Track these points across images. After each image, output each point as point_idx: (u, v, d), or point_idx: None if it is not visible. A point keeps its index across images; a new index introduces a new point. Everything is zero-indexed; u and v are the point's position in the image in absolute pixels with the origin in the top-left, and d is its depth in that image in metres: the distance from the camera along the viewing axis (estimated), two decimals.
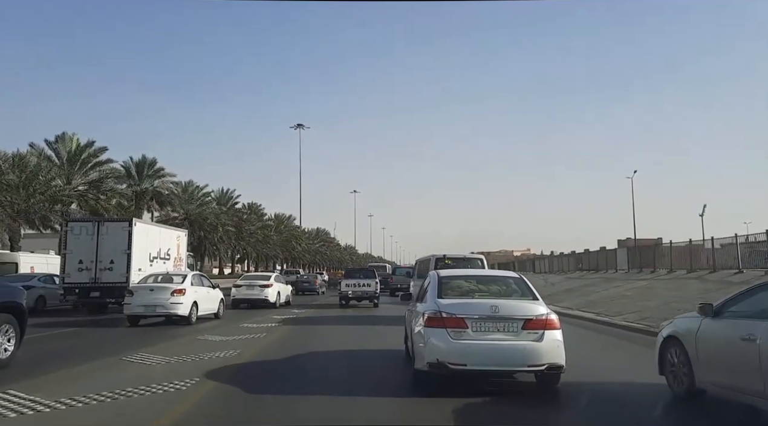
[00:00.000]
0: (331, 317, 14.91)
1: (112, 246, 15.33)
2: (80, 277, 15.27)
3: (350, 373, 6.54)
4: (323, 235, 79.08)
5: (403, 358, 7.21)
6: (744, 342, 4.18)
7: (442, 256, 14.10)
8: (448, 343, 5.25)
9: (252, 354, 7.84)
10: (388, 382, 5.93)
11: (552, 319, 5.38)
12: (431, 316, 5.43)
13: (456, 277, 6.35)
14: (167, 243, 18.08)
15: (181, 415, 4.59)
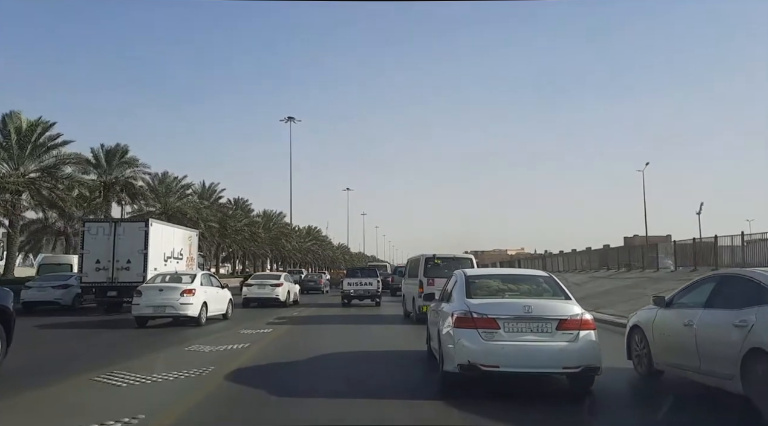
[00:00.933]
0: (339, 316, 15.75)
1: (129, 246, 16.01)
2: (98, 276, 15.95)
3: (377, 376, 6.60)
4: (315, 234, 79.04)
5: (425, 359, 7.43)
6: (685, 327, 5.30)
7: (431, 255, 14.38)
8: (479, 344, 5.19)
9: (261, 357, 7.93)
10: (417, 386, 5.98)
11: (587, 318, 5.29)
12: (461, 317, 5.40)
13: (484, 276, 6.41)
14: (180, 243, 18.75)
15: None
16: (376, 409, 4.97)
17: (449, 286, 6.64)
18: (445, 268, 13.76)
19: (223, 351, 8.53)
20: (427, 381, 6.08)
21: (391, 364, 7.56)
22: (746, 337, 4.46)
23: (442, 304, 6.51)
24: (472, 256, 15.01)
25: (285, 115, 55.77)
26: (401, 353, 8.45)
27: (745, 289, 4.95)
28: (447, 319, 5.68)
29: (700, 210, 45.19)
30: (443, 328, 5.75)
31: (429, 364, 7.00)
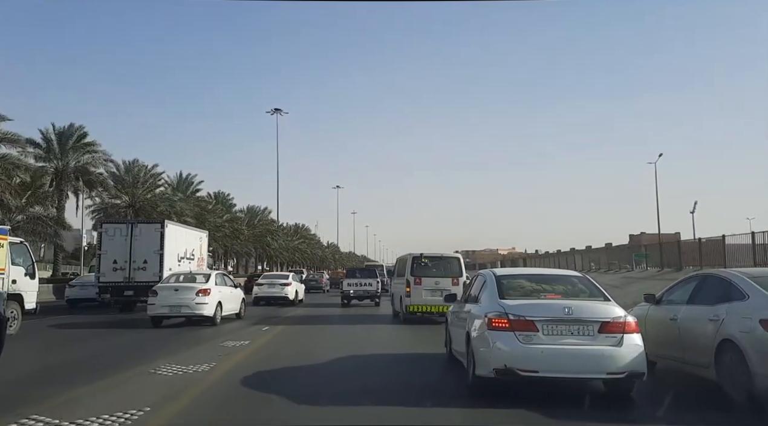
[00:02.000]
0: (345, 316, 16.51)
1: (145, 246, 16.82)
2: (115, 276, 16.76)
3: (401, 380, 6.76)
4: (303, 232, 79.16)
5: (444, 361, 7.71)
6: (671, 321, 6.30)
7: (419, 254, 14.65)
8: (517, 348, 5.16)
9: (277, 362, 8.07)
10: (443, 390, 6.14)
11: (631, 321, 5.30)
12: (496, 318, 5.40)
13: (516, 276, 6.49)
14: (192, 243, 19.69)
15: None
16: (408, 416, 5.06)
17: (475, 287, 6.83)
18: (433, 267, 14.28)
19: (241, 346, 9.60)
20: (455, 386, 6.23)
21: (412, 368, 7.78)
22: (718, 329, 5.30)
23: (467, 306, 6.69)
24: (460, 256, 15.26)
25: (272, 108, 54.79)
26: (420, 356, 8.77)
27: (719, 288, 5.86)
28: (477, 321, 5.78)
29: (693, 209, 46.42)
30: (473, 330, 5.81)
31: (451, 368, 7.24)
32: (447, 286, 13.64)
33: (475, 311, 6.03)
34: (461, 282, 13.90)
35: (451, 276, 14.15)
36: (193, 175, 43.74)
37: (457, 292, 12.85)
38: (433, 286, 14.00)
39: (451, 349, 7.59)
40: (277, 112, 53.90)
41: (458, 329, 6.82)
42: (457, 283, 13.88)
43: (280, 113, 54.00)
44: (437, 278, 14.09)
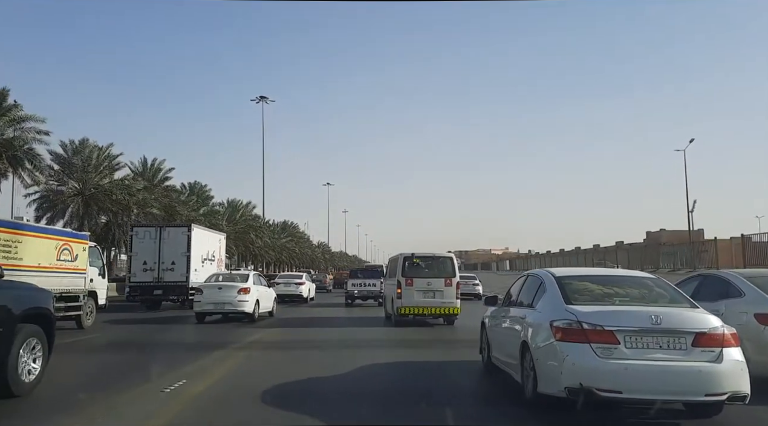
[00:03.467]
0: (354, 317, 17.30)
1: (173, 249, 18.89)
2: (145, 276, 18.63)
3: (444, 395, 6.30)
4: (291, 229, 76.83)
5: (482, 371, 7.60)
6: None
7: (410, 254, 14.57)
8: (595, 363, 4.61)
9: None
10: (496, 407, 5.84)
11: (729, 333, 4.72)
12: (567, 328, 4.87)
13: (579, 277, 5.95)
14: (213, 246, 21.77)
15: None
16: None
17: (525, 289, 6.46)
18: (426, 267, 14.36)
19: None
20: (506, 403, 5.89)
21: (449, 378, 7.50)
22: None
23: (515, 310, 6.44)
24: (453, 256, 15.41)
25: (257, 96, 53.76)
26: (452, 364, 8.50)
27: (719, 286, 6.84)
28: (539, 329, 5.28)
29: (693, 208, 45.89)
30: (533, 340, 5.32)
31: (493, 379, 7.00)
32: (440, 287, 14.01)
33: (533, 318, 5.57)
34: (454, 282, 14.19)
35: (444, 276, 14.21)
36: (161, 161, 40.07)
37: (449, 292, 14.04)
38: (425, 287, 14.02)
39: (489, 357, 7.31)
40: (263, 100, 53.35)
41: (504, 336, 6.49)
42: (450, 284, 14.13)
43: (266, 101, 53.60)
44: (429, 279, 14.13)
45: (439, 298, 13.87)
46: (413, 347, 10.49)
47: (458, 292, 14.20)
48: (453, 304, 13.90)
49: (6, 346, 5.77)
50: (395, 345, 10.97)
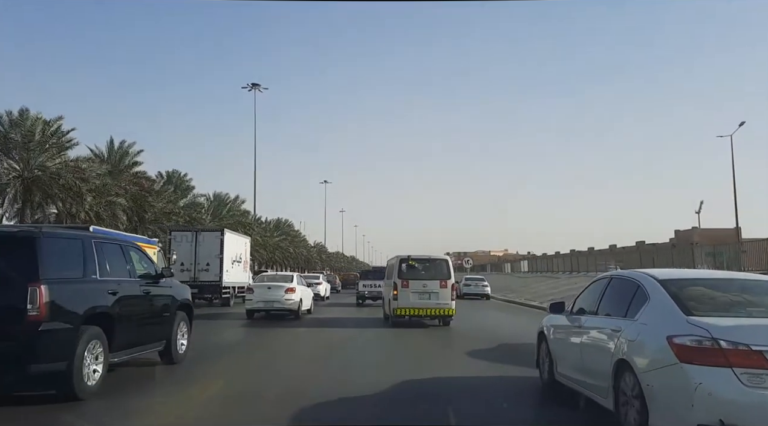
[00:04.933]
0: (371, 319, 19.21)
1: (208, 251, 22.78)
2: (182, 277, 21.00)
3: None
4: (285, 228, 76.90)
5: (542, 390, 7.39)
6: None
7: (406, 257, 16.39)
8: (741, 394, 4.05)
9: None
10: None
11: None
12: (696, 346, 4.32)
13: (690, 281, 5.59)
14: (240, 248, 25.83)
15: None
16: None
17: (613, 295, 6.08)
18: (422, 269, 16.09)
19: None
20: None
21: (509, 401, 7.03)
22: None
23: (593, 320, 6.15)
24: (448, 258, 17.27)
25: (249, 83, 55.28)
26: (504, 381, 8.38)
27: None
28: (646, 346, 4.87)
29: (700, 208, 48.33)
30: (639, 359, 4.87)
31: (562, 401, 6.70)
32: (435, 289, 15.88)
33: (635, 331, 5.10)
34: (449, 284, 16.07)
35: (440, 278, 16.07)
36: (130, 144, 38.68)
37: (444, 294, 15.84)
38: (420, 289, 15.88)
39: (553, 374, 7.14)
40: (255, 88, 55.43)
41: (583, 352, 6.18)
42: (446, 286, 16.00)
43: (259, 89, 55.66)
44: (425, 281, 15.98)
45: (434, 299, 15.79)
46: (447, 358, 10.97)
47: (453, 293, 16.19)
48: (448, 305, 15.85)
49: (171, 326, 9.15)
50: (413, 357, 11.30)
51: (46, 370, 6.29)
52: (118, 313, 7.44)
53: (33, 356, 6.15)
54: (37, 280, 6.13)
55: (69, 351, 6.45)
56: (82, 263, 7.09)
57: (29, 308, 6.05)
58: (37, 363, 6.17)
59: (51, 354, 6.30)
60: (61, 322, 6.41)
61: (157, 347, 8.82)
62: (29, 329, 6.08)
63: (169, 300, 9.14)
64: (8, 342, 6.07)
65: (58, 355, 6.36)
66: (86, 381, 6.69)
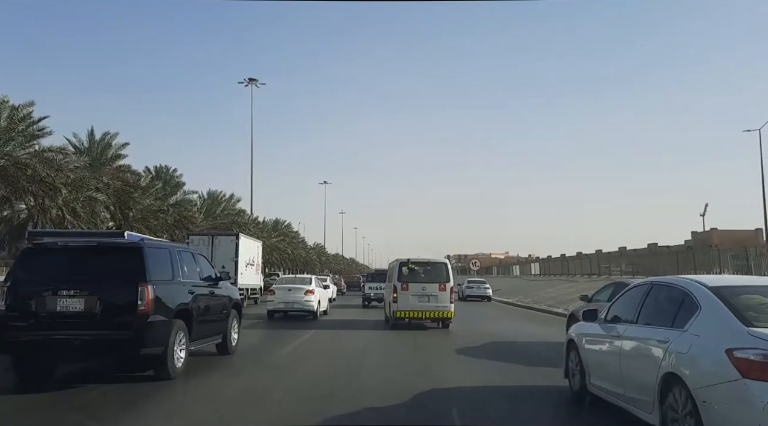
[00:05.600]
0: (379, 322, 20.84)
1: (223, 254, 24.36)
2: None
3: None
4: (284, 229, 78.89)
5: (569, 401, 7.67)
6: None
7: (406, 260, 17.91)
8: None
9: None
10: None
11: None
12: (762, 361, 4.24)
13: (746, 289, 5.48)
14: (253, 252, 27.75)
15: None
16: None
17: (656, 302, 6.16)
18: (421, 273, 17.66)
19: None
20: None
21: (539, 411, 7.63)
22: None
23: (633, 329, 6.21)
24: (447, 262, 18.76)
25: (245, 78, 57.08)
26: (526, 391, 8.79)
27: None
28: (701, 359, 4.85)
29: (704, 212, 49.53)
30: (693, 374, 4.86)
31: (596, 413, 7.04)
32: (434, 292, 17.41)
33: (686, 343, 5.06)
34: (448, 288, 17.56)
35: (439, 282, 17.60)
36: (112, 135, 37.62)
37: (443, 297, 17.35)
38: (420, 292, 17.43)
39: (584, 384, 7.29)
40: (252, 83, 56.67)
41: (623, 363, 6.18)
42: (444, 289, 17.52)
43: (256, 84, 56.94)
44: (424, 284, 17.53)
45: (433, 302, 17.26)
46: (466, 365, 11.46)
47: (452, 296, 17.67)
48: (447, 308, 17.33)
49: (227, 321, 11.53)
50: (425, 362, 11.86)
51: (150, 353, 8.59)
52: (195, 309, 9.75)
53: (142, 341, 8.42)
54: (145, 281, 8.40)
55: (166, 338, 8.73)
56: (171, 268, 9.40)
57: (140, 304, 8.30)
58: (145, 347, 8.46)
59: (154, 340, 8.54)
60: (161, 315, 8.67)
61: (216, 340, 11.14)
62: (140, 320, 8.34)
63: (226, 299, 11.54)
64: (125, 330, 8.33)
65: (159, 341, 8.62)
66: (176, 364, 8.95)
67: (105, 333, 8.28)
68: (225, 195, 58.57)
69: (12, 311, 8.27)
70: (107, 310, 8.30)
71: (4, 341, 8.27)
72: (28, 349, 8.37)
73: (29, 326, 8.25)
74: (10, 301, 8.28)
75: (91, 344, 8.31)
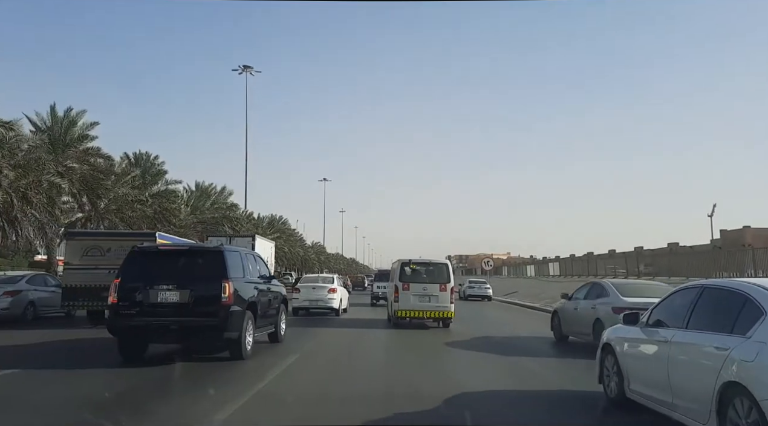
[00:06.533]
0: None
1: None
2: None
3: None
4: (279, 225, 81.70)
5: (608, 407, 8.17)
6: None
7: (407, 261, 20.26)
8: None
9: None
10: None
11: None
12: None
13: None
14: (267, 252, 29.99)
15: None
16: None
17: (709, 308, 6.40)
18: (422, 273, 19.86)
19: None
20: None
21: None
22: None
23: (683, 334, 6.47)
24: (448, 262, 21.28)
25: (240, 65, 58.79)
26: (564, 396, 9.54)
27: (598, 289, 15.33)
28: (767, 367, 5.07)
29: (712, 212, 52.73)
30: (758, 383, 5.06)
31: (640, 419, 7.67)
32: (434, 292, 19.65)
33: (752, 351, 5.22)
34: (449, 288, 19.80)
35: (439, 282, 19.88)
36: (78, 113, 36.50)
37: (444, 297, 19.54)
38: (420, 292, 19.70)
39: (623, 390, 7.75)
40: (247, 70, 58.73)
41: (669, 369, 6.49)
42: (445, 289, 19.73)
43: (251, 72, 59.08)
44: (425, 284, 19.82)
45: (434, 302, 19.44)
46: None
47: (452, 296, 19.92)
48: (447, 308, 19.54)
49: (278, 314, 14.67)
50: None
51: (230, 337, 11.58)
52: (258, 302, 12.82)
53: (225, 327, 11.38)
54: (226, 278, 11.41)
55: (241, 325, 11.73)
56: (242, 268, 12.49)
57: (223, 296, 11.28)
58: (227, 331, 11.43)
59: (233, 326, 11.53)
60: (238, 306, 11.68)
61: (270, 330, 14.21)
62: (223, 310, 11.32)
63: (277, 294, 14.71)
64: (212, 318, 11.30)
65: (236, 328, 11.61)
66: (246, 347, 11.96)
67: (195, 320, 11.26)
68: (215, 187, 59.86)
69: (122, 301, 11.24)
70: (197, 301, 11.27)
71: (116, 326, 11.34)
72: (134, 332, 11.36)
73: (135, 314, 11.22)
74: (120, 293, 11.26)
75: (185, 329, 11.29)
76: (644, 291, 14.21)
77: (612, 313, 13.01)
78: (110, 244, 19.34)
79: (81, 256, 19.21)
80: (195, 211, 51.92)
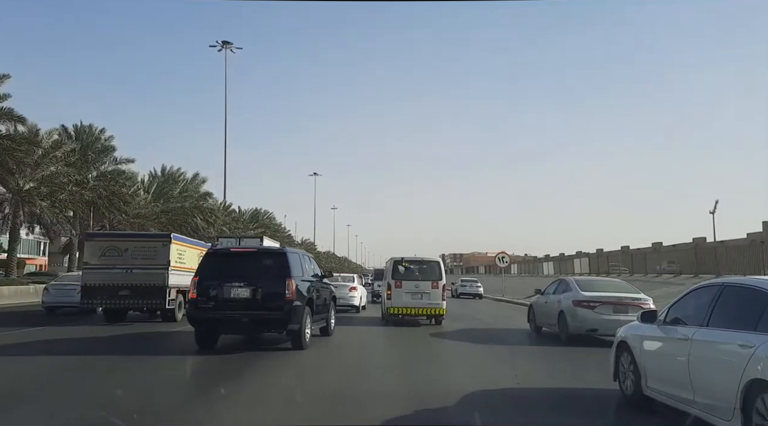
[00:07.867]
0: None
1: None
2: None
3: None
4: (264, 220, 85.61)
5: (623, 405, 8.96)
6: None
7: (400, 259, 22.99)
8: None
9: None
10: None
11: None
12: None
13: None
14: None
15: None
16: None
17: (728, 306, 7.03)
18: (414, 271, 22.54)
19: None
20: None
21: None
22: None
23: (703, 332, 7.07)
24: (440, 260, 24.04)
25: (218, 41, 61.12)
26: (574, 394, 10.34)
27: (564, 285, 19.34)
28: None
29: (714, 209, 55.79)
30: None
31: (653, 418, 8.47)
32: (427, 290, 22.57)
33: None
34: (441, 285, 22.74)
35: (431, 280, 22.84)
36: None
37: (436, 295, 22.40)
38: (413, 290, 22.58)
39: (640, 388, 8.47)
40: (226, 47, 61.49)
41: (690, 366, 7.09)
42: (437, 287, 22.68)
43: (231, 49, 61.89)
44: (417, 282, 22.70)
45: (426, 299, 22.31)
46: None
47: (444, 294, 22.82)
48: (439, 305, 22.45)
49: (328, 310, 18.28)
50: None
51: (292, 329, 14.86)
52: (314, 298, 16.17)
53: (289, 320, 14.65)
54: (290, 276, 14.74)
55: (301, 318, 15.01)
56: (300, 267, 15.87)
57: (287, 293, 14.57)
58: (291, 323, 14.71)
59: (296, 319, 14.81)
60: (299, 301, 14.93)
61: (322, 324, 17.56)
62: (287, 304, 14.55)
63: (328, 292, 18.21)
64: (278, 311, 14.54)
65: (298, 320, 14.89)
66: (306, 339, 15.24)
67: (263, 313, 14.43)
68: (184, 173, 61.37)
69: (200, 297, 14.52)
70: (264, 297, 14.46)
71: (196, 318, 14.68)
72: (211, 323, 14.63)
73: (212, 307, 14.42)
74: (198, 289, 14.56)
75: (254, 321, 14.48)
76: (602, 287, 18.34)
77: (572, 305, 17.20)
78: (127, 244, 22.53)
79: (99, 257, 22.28)
80: (158, 199, 52.56)
